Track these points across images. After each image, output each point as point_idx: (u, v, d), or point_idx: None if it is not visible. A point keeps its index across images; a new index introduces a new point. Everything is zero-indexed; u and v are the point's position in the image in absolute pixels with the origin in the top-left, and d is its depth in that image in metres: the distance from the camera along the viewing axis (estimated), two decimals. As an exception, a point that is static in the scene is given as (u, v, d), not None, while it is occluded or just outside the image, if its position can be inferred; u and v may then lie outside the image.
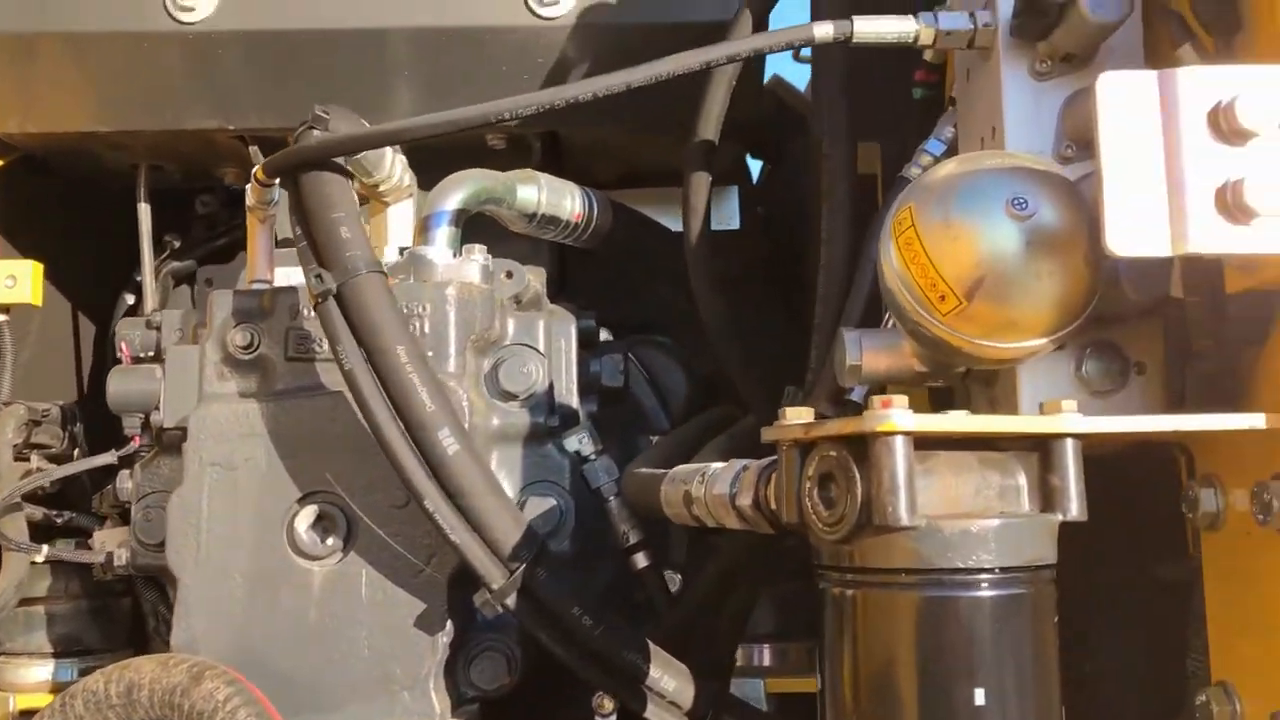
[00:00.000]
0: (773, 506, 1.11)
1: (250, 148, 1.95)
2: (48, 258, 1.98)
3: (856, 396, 1.50)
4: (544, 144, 1.96)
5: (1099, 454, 1.10)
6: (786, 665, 1.94)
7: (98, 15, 1.77)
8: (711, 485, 1.23)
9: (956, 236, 1.08)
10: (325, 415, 1.47)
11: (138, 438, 1.55)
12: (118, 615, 1.94)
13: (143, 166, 2.08)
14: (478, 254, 1.58)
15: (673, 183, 2.30)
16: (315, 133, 1.44)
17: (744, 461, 1.21)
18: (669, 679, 1.47)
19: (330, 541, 1.46)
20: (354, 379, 1.31)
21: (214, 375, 1.51)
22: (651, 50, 1.70)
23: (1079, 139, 1.26)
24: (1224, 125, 0.95)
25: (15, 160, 1.99)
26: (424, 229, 1.59)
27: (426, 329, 1.50)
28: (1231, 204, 0.94)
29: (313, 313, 1.49)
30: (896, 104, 1.65)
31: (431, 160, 1.81)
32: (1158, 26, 1.23)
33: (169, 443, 1.58)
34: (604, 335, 1.96)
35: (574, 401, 1.74)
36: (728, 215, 2.31)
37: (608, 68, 1.79)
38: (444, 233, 1.59)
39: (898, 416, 0.95)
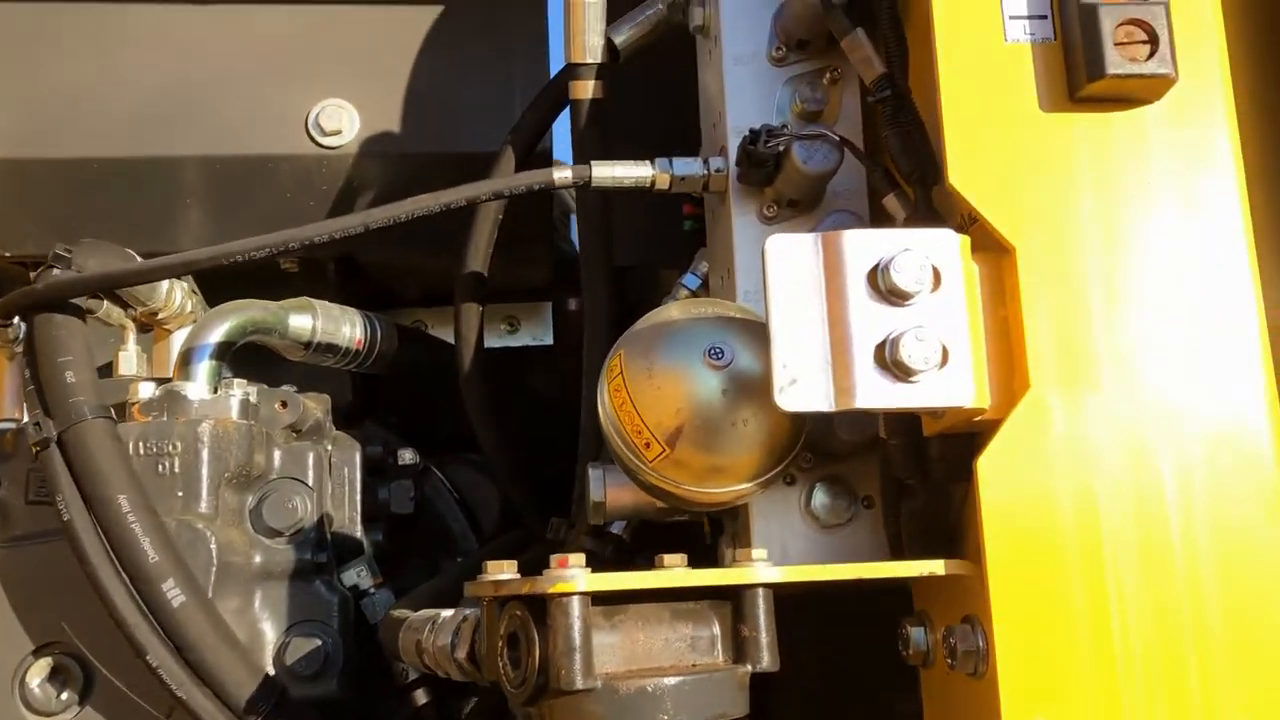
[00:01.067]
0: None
1: (31, 274, 1.91)
2: None
3: (619, 529, 1.50)
4: (338, 267, 1.95)
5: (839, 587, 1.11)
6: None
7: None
8: (438, 635, 1.20)
9: (659, 386, 1.10)
10: (63, 561, 1.41)
11: None
12: None
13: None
14: (237, 388, 1.56)
15: (488, 300, 2.34)
16: (55, 271, 1.41)
17: (468, 610, 1.19)
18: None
19: (65, 695, 1.39)
20: (72, 530, 1.27)
21: (-51, 521, 1.44)
22: (427, 176, 1.72)
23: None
24: (882, 286, 0.98)
25: None
26: (184, 363, 1.56)
27: (177, 468, 1.46)
28: (890, 361, 0.97)
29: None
30: (670, 237, 1.70)
31: (223, 284, 1.79)
32: (871, 173, 1.28)
33: (-96, 591, 1.50)
34: (408, 456, 1.93)
35: (357, 532, 1.71)
36: (541, 332, 2.33)
37: (388, 193, 1.83)
38: (204, 367, 1.56)
39: (573, 576, 0.95)
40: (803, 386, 0.98)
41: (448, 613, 1.24)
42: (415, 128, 1.81)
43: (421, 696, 1.69)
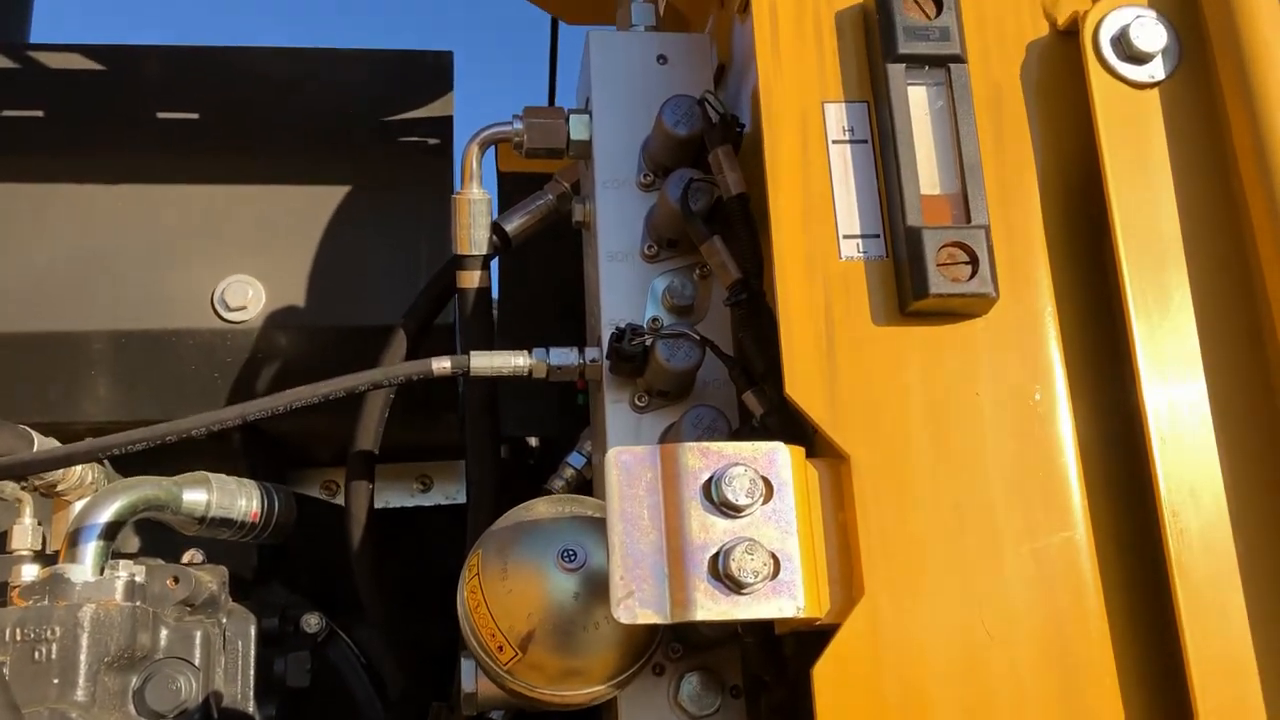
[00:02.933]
0: None
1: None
2: None
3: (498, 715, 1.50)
4: (244, 435, 1.98)
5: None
6: None
7: None
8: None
9: (511, 588, 1.12)
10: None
11: None
12: None
13: None
14: (123, 569, 1.56)
15: (399, 459, 2.37)
16: (-63, 459, 1.42)
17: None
18: None
19: None
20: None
21: None
22: (332, 349, 1.77)
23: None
24: (716, 498, 1.02)
25: None
26: (71, 544, 1.56)
27: (54, 654, 1.46)
28: (723, 573, 1.00)
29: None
30: (565, 413, 1.74)
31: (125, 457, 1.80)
32: (731, 371, 1.33)
33: None
34: (315, 622, 1.92)
35: (249, 708, 1.69)
36: (454, 490, 2.35)
37: (292, 365, 1.87)
38: (91, 548, 1.57)
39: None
40: (639, 599, 1.00)
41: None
42: (321, 302, 1.87)
43: None
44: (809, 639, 1.16)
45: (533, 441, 2.21)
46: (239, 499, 1.76)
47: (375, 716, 2.02)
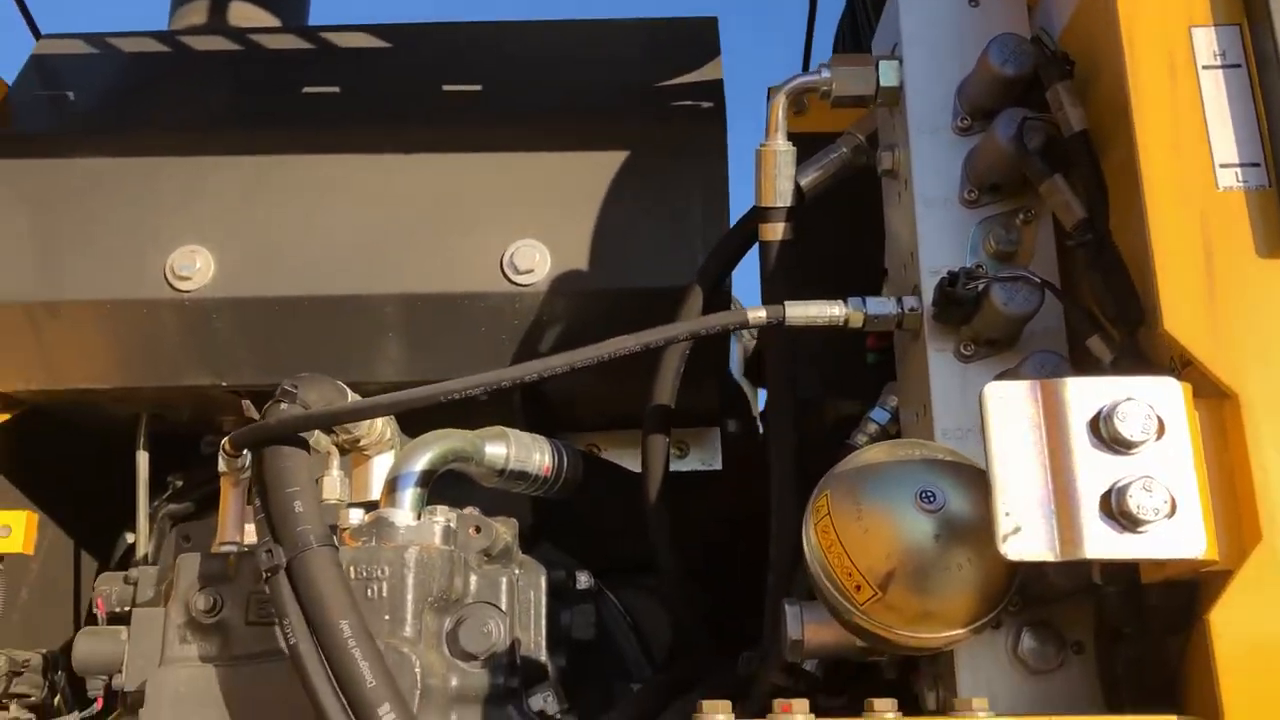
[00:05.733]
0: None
1: (244, 401, 2.06)
2: (49, 504, 2.06)
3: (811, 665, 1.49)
4: (524, 394, 2.04)
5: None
6: None
7: (104, 285, 1.91)
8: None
9: (868, 529, 1.11)
10: (283, 683, 1.49)
11: (100, 700, 1.57)
12: None
13: (143, 416, 2.18)
14: (440, 515, 1.63)
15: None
16: (283, 406, 1.51)
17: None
18: None
19: (278, 815, 1.45)
20: (297, 655, 1.34)
21: (176, 638, 1.54)
22: (612, 312, 1.80)
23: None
24: (1105, 434, 0.99)
25: (21, 413, 2.10)
26: (390, 490, 1.64)
27: (384, 592, 1.53)
28: (1117, 511, 0.97)
29: (275, 578, 1.54)
30: (851, 368, 1.72)
31: (416, 411, 1.89)
32: (1073, 315, 1.29)
33: (133, 704, 1.60)
34: (585, 580, 1.97)
35: (541, 656, 1.73)
36: (709, 456, 2.36)
37: (577, 327, 1.91)
38: (409, 494, 1.64)
39: (798, 724, 0.95)
40: (1027, 535, 0.98)
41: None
42: (601, 266, 1.90)
43: (604, 831, 1.70)
44: (1176, 591, 1.11)
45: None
46: (534, 453, 1.82)
47: (643, 675, 2.05)
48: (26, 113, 2.20)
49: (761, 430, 2.28)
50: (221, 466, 1.60)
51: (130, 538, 2.35)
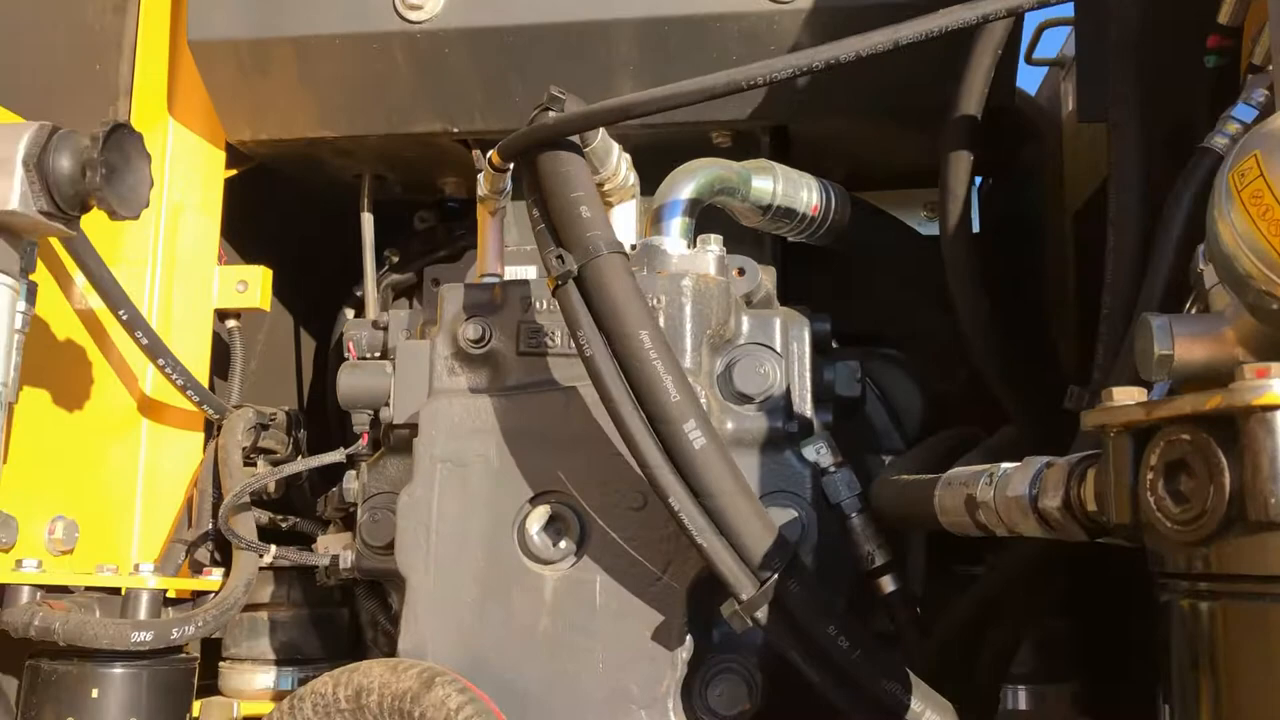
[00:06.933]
0: (1090, 507, 0.95)
1: (473, 152, 1.93)
2: (272, 266, 2.00)
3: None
4: (772, 139, 1.86)
5: None
6: (1044, 711, 1.73)
7: (328, 18, 1.78)
8: (1004, 487, 1.07)
9: (1319, 189, 0.90)
10: (558, 411, 1.40)
11: (366, 435, 1.51)
12: (338, 625, 1.91)
13: (366, 176, 2.09)
14: (714, 245, 1.48)
15: (901, 185, 2.19)
16: (551, 113, 1.37)
17: (1044, 459, 1.05)
18: (932, 714, 1.31)
19: (563, 544, 1.37)
20: (595, 366, 1.22)
21: (444, 370, 1.45)
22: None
23: None
24: None
25: (246, 170, 2.03)
26: (656, 219, 1.50)
27: (661, 322, 1.41)
28: None
29: (546, 305, 1.43)
30: (1186, 74, 1.47)
31: (655, 160, 1.73)
32: None
33: (396, 442, 1.54)
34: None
35: (808, 410, 1.60)
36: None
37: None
38: (677, 223, 1.50)
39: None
40: None
41: (1008, 465, 1.10)
42: None
43: (889, 584, 1.59)
44: None
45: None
46: (801, 189, 1.65)
47: (893, 445, 1.91)
48: None
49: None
50: (482, 191, 1.47)
51: (349, 313, 2.31)
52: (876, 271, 1.95)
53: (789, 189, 1.62)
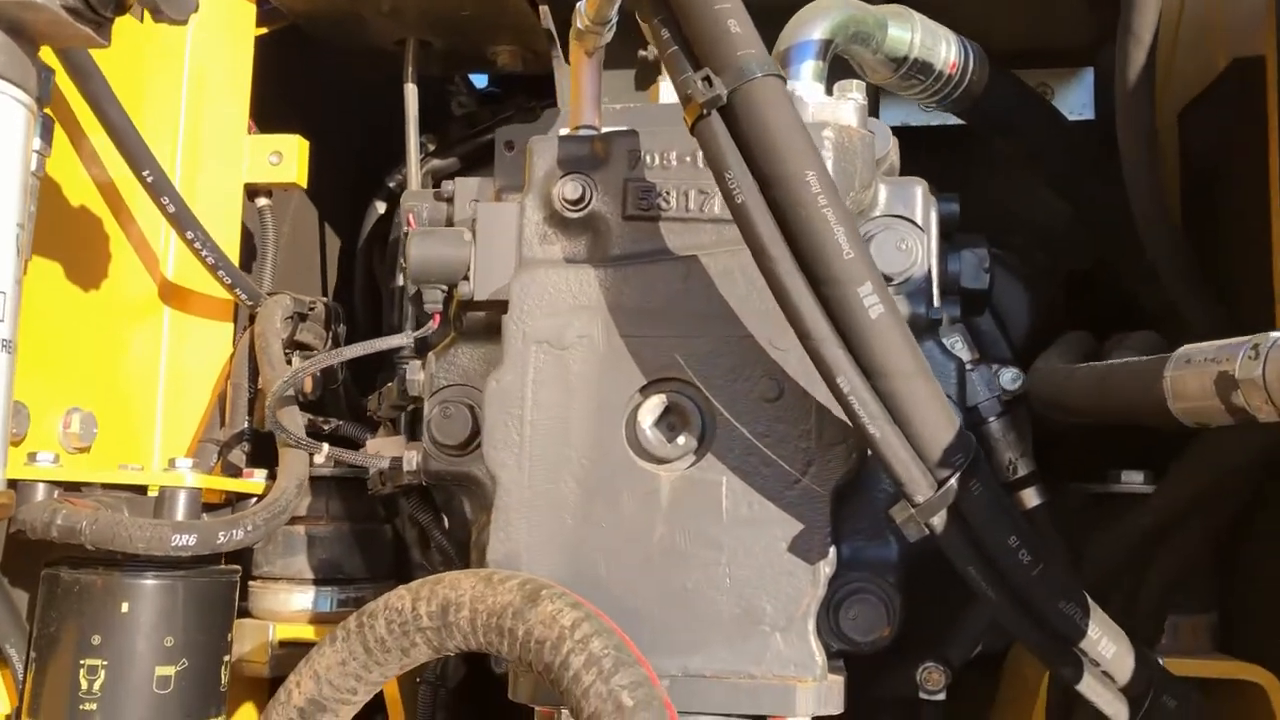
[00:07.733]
0: None
1: (541, 8, 1.69)
2: (309, 135, 1.76)
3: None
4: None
5: None
6: (1177, 643, 1.55)
7: None
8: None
9: None
10: (676, 285, 1.18)
11: (438, 316, 1.29)
12: (381, 541, 1.70)
13: (410, 42, 1.85)
14: (855, 92, 1.25)
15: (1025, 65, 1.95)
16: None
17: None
18: (1108, 643, 1.12)
19: (681, 440, 1.16)
20: (748, 215, 1.00)
21: (535, 237, 1.23)
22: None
23: None
24: None
25: (280, 29, 1.79)
26: (784, 63, 1.27)
27: (798, 179, 1.18)
28: None
29: (659, 160, 1.20)
30: None
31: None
32: None
33: (470, 326, 1.32)
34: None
35: (935, 300, 1.39)
36: (1079, 103, 1.92)
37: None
38: (810, 66, 1.27)
39: None
40: None
41: (1242, 340, 0.90)
42: None
43: (1033, 496, 1.40)
44: None
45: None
46: (940, 43, 1.42)
47: (1000, 354, 1.71)
48: None
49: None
50: (580, 23, 1.23)
51: (380, 207, 2.08)
52: (997, 152, 1.73)
53: (928, 40, 1.40)
